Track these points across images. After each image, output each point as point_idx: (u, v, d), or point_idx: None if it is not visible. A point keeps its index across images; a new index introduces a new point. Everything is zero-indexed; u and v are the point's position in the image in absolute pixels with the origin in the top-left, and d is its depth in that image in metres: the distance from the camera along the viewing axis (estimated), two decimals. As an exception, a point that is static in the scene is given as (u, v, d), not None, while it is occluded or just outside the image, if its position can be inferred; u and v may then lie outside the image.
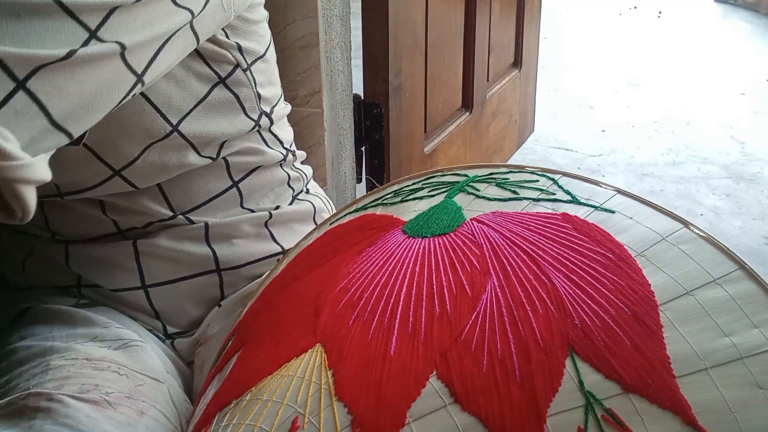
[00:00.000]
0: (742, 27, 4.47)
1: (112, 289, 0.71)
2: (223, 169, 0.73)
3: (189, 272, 0.73)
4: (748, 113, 3.02)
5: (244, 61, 0.71)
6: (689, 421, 0.38)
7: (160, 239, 0.71)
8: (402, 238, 0.54)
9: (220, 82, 0.69)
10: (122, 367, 0.62)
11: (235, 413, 0.47)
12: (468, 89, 1.94)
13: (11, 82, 0.42)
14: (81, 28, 0.45)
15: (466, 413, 0.40)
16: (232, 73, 0.70)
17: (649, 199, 0.53)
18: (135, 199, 0.69)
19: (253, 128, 0.74)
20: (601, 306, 0.44)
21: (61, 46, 0.43)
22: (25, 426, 0.52)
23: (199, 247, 0.72)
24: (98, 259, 0.71)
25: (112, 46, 0.46)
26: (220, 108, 0.69)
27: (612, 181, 2.35)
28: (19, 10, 0.42)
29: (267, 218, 0.76)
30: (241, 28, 0.70)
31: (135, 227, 0.71)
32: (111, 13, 0.46)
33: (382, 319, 0.47)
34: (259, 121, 0.74)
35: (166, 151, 0.66)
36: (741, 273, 0.44)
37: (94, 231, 0.71)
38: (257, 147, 0.75)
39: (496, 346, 0.43)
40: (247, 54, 0.71)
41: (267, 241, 0.76)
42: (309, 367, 0.46)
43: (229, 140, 0.72)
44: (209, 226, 0.72)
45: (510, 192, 0.56)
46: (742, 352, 0.40)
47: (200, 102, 0.67)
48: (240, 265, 0.74)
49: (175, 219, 0.71)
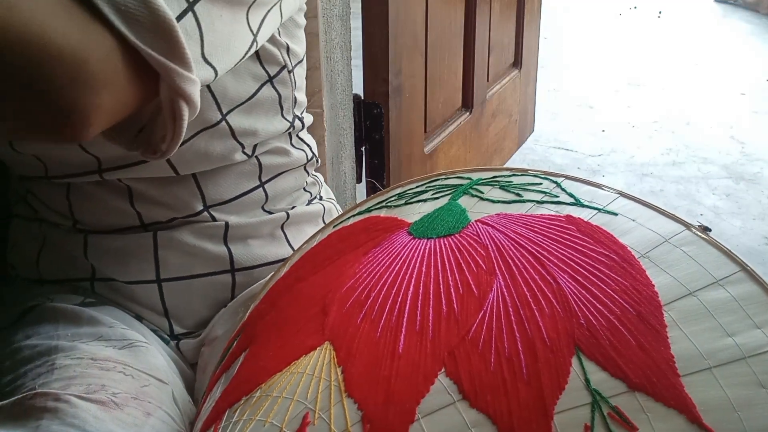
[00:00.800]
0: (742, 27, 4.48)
1: (126, 281, 0.72)
2: (255, 168, 0.75)
3: (204, 270, 0.73)
4: (748, 113, 3.03)
5: (289, 62, 0.74)
6: (694, 419, 0.39)
7: (181, 233, 0.72)
8: (408, 239, 0.55)
9: (269, 81, 0.72)
10: (127, 367, 0.63)
11: (245, 409, 0.47)
12: (468, 89, 1.95)
13: (184, 1, 0.48)
14: None
15: (474, 410, 0.41)
16: (279, 73, 0.73)
17: (650, 200, 0.54)
18: (168, 189, 0.70)
19: (287, 129, 0.76)
20: (606, 306, 0.45)
21: None
22: (33, 426, 0.52)
23: (216, 245, 0.73)
24: (116, 250, 0.72)
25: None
26: (264, 106, 0.72)
27: (612, 181, 2.36)
28: None
29: (284, 220, 0.78)
30: (290, 30, 0.74)
31: (159, 221, 0.72)
32: None
33: (389, 318, 0.48)
34: (293, 122, 0.77)
35: (213, 140, 0.69)
36: (743, 274, 0.45)
37: (117, 223, 0.72)
38: (286, 148, 0.78)
39: (503, 345, 0.44)
40: (292, 56, 0.74)
41: (281, 244, 0.78)
42: (318, 364, 0.47)
43: (264, 140, 0.74)
44: (229, 226, 0.74)
45: (513, 194, 0.57)
46: (745, 352, 0.41)
47: (250, 98, 0.70)
48: (253, 266, 0.75)
49: (199, 215, 0.72)
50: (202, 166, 0.70)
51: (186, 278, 0.73)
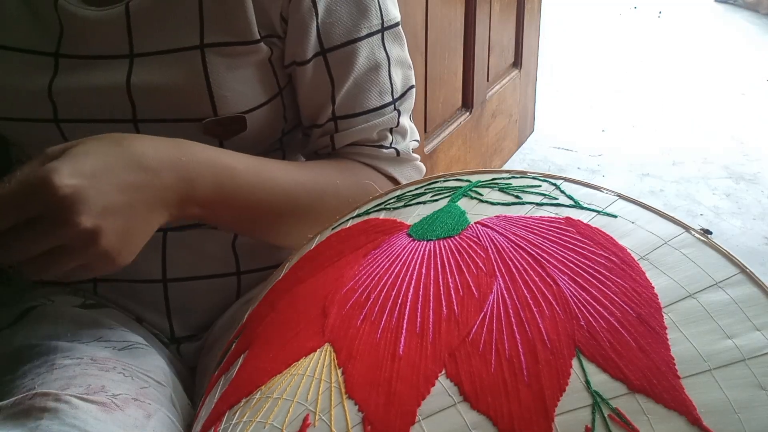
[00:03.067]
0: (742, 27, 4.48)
1: (131, 280, 0.72)
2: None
3: (210, 271, 0.73)
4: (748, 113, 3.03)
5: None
6: (694, 421, 0.39)
7: (192, 234, 0.72)
8: (407, 241, 0.55)
9: (279, 93, 0.74)
10: (127, 368, 0.63)
11: (245, 411, 0.47)
12: (468, 89, 1.95)
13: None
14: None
15: (475, 411, 0.41)
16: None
17: (650, 201, 0.54)
18: None
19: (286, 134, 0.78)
20: (606, 308, 0.45)
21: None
22: (32, 426, 0.51)
23: (224, 247, 0.74)
24: None
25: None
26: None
27: (612, 180, 2.36)
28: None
29: None
30: None
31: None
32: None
33: (390, 320, 0.48)
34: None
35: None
36: (742, 277, 0.45)
37: None
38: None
39: (504, 346, 0.44)
40: None
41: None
42: (318, 366, 0.47)
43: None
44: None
45: (513, 197, 0.57)
46: (745, 354, 0.41)
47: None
48: (260, 269, 0.75)
49: None
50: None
51: (192, 279, 0.73)
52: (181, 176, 0.60)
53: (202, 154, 0.62)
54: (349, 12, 0.69)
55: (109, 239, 0.54)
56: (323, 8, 0.67)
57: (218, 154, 0.64)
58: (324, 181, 0.69)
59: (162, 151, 0.59)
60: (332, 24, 0.68)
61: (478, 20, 1.90)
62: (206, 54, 0.65)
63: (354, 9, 0.69)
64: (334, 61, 0.70)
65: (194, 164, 0.61)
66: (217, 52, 0.66)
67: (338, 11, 0.68)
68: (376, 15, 0.70)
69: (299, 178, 0.68)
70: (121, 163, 0.56)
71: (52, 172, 0.51)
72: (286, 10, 0.67)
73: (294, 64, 0.70)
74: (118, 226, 0.55)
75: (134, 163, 0.57)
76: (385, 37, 0.72)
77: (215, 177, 0.62)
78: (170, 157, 0.59)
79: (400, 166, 0.75)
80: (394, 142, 0.75)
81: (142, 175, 0.57)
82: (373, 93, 0.72)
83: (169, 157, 0.59)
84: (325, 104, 0.71)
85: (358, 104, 0.72)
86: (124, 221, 0.55)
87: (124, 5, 0.66)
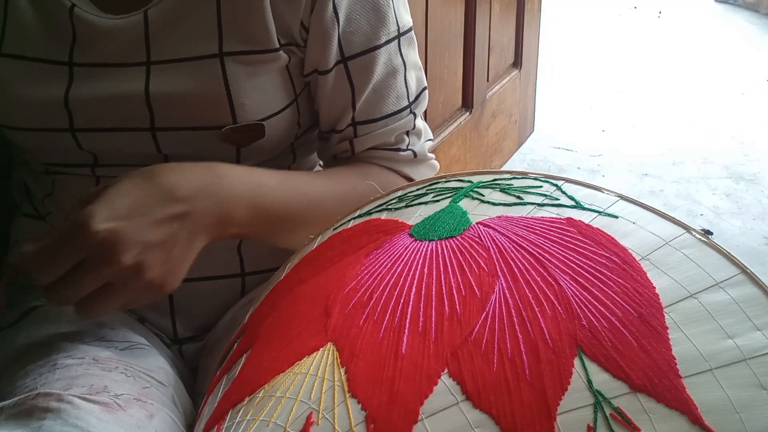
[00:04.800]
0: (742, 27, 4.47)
1: None
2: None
3: (215, 273, 0.74)
4: (748, 113, 3.02)
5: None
6: (696, 420, 0.40)
7: None
8: (409, 241, 0.55)
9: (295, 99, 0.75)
10: (129, 368, 0.63)
11: (248, 409, 0.48)
12: (468, 89, 1.95)
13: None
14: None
15: (477, 410, 0.42)
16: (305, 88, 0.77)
17: (650, 201, 0.54)
18: None
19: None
20: (608, 307, 0.45)
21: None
22: (35, 426, 0.51)
23: (229, 249, 0.74)
24: None
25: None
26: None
27: (612, 180, 2.36)
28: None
29: None
30: None
31: None
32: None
33: (392, 319, 0.48)
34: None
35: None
36: (743, 277, 0.46)
37: None
38: (295, 155, 0.79)
39: (506, 346, 0.44)
40: None
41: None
42: (321, 364, 0.47)
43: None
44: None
45: (514, 197, 0.57)
46: (746, 354, 0.42)
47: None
48: (264, 271, 0.75)
49: None
50: None
51: (197, 279, 0.73)
52: (217, 200, 0.61)
53: (233, 174, 0.64)
54: (368, 20, 0.70)
55: (152, 271, 0.57)
56: (344, 17, 0.68)
57: (247, 172, 0.66)
58: (346, 188, 0.71)
59: (195, 179, 0.61)
60: (353, 32, 0.69)
61: (478, 20, 1.90)
62: (225, 62, 0.66)
63: (373, 17, 0.70)
64: (355, 68, 0.71)
65: (228, 186, 0.62)
66: (237, 60, 0.66)
67: (358, 20, 0.69)
68: (392, 22, 0.71)
69: (323, 187, 0.71)
70: (155, 198, 0.58)
71: (89, 219, 0.54)
72: (308, 20, 0.68)
73: (315, 72, 0.71)
74: (159, 258, 0.57)
75: (168, 197, 0.59)
76: (402, 43, 0.73)
77: (249, 196, 0.64)
78: (204, 182, 0.61)
79: (416, 166, 0.77)
80: (410, 144, 0.76)
81: (179, 206, 0.59)
82: (391, 98, 0.73)
83: (202, 184, 0.61)
84: (346, 110, 0.73)
85: (377, 110, 0.73)
86: (165, 252, 0.58)
87: (143, 13, 0.66)
